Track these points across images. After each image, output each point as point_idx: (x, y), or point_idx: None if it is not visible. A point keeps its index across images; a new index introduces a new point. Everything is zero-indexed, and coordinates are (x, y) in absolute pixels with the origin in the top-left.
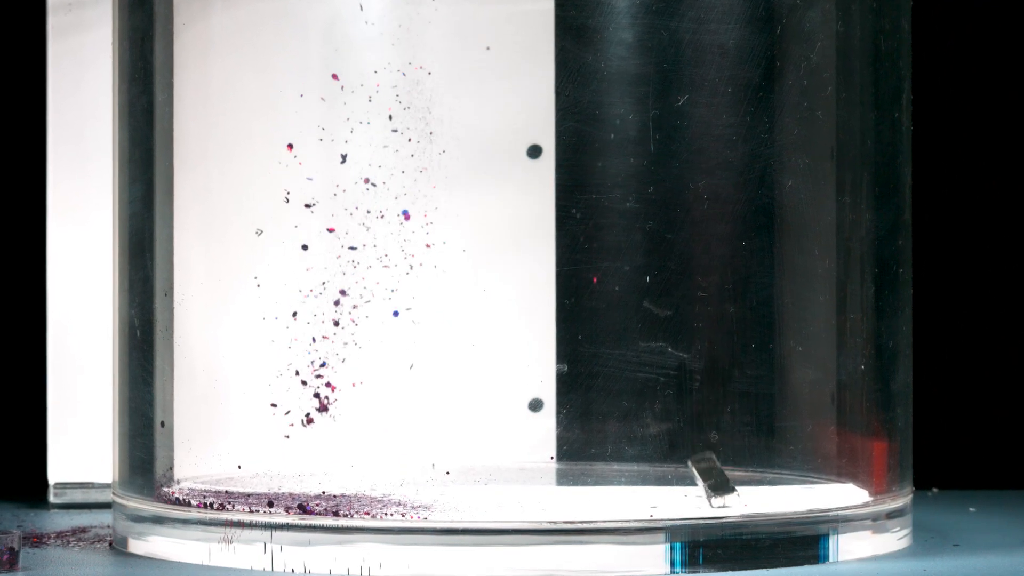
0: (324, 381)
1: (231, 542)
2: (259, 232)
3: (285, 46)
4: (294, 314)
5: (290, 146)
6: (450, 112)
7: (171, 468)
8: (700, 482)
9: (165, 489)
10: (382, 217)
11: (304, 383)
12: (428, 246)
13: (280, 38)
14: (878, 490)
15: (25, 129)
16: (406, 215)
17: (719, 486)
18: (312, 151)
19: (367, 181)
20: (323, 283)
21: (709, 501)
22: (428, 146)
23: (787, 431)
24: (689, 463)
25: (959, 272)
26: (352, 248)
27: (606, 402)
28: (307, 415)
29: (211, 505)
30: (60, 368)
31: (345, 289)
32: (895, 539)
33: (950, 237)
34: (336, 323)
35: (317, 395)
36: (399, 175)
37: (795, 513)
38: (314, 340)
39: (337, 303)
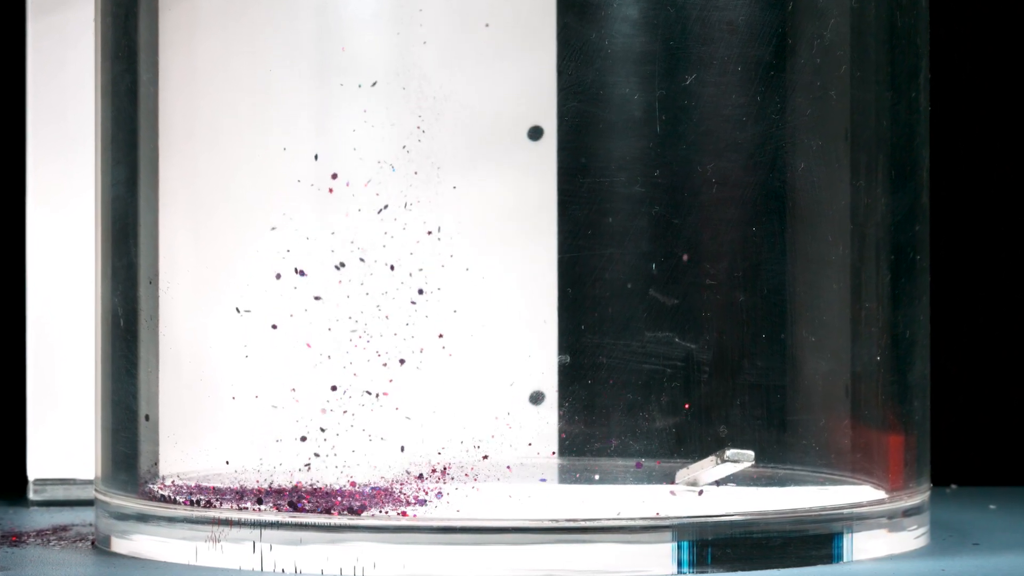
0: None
1: (219, 541)
2: (240, 311)
3: (276, 25)
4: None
5: (276, 226)
6: (447, 91)
7: (156, 463)
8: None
9: (150, 485)
10: (382, 201)
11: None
12: (428, 233)
13: (271, 17)
14: (894, 487)
15: (4, 109)
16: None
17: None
18: (304, 127)
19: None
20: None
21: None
22: (424, 126)
23: (799, 425)
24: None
25: (978, 259)
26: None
27: (610, 395)
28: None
29: (198, 502)
30: (40, 359)
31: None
32: (912, 538)
33: (969, 222)
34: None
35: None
36: (390, 154)
37: (808, 511)
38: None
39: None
